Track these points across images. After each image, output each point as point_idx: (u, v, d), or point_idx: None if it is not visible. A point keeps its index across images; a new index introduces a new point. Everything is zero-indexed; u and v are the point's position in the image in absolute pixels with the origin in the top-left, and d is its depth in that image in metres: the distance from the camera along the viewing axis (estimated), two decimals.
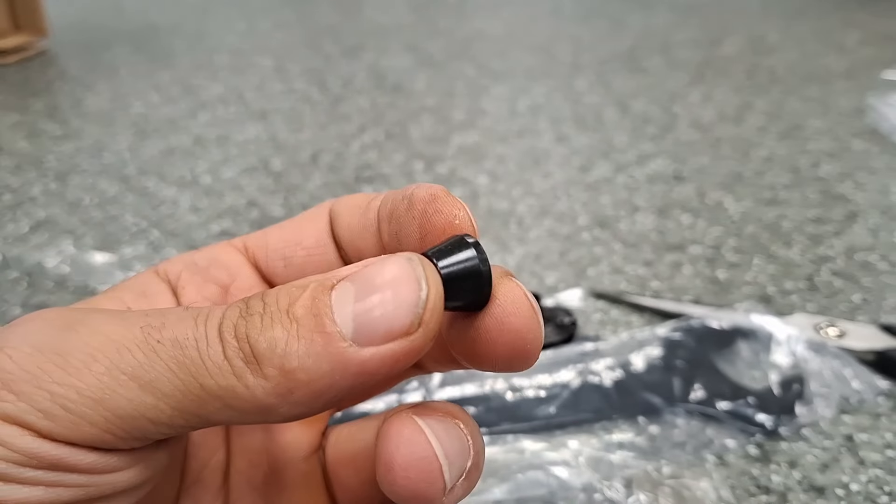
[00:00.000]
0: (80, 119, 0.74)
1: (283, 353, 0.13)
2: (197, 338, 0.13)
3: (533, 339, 0.14)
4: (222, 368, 0.13)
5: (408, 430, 0.15)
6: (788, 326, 0.38)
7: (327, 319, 0.13)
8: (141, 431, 0.13)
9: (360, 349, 0.13)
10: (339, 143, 0.68)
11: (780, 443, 0.33)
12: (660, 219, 0.53)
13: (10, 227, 0.53)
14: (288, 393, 0.13)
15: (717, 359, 0.37)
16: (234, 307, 0.14)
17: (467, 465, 0.15)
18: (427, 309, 0.13)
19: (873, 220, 0.53)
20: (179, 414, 0.13)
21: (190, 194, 0.58)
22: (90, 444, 0.13)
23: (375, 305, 0.13)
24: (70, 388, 0.13)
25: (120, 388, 0.13)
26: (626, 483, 0.31)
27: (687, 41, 1.00)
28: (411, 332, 0.13)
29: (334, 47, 1.00)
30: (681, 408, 0.34)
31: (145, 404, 0.13)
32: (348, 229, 0.18)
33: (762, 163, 0.63)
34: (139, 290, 0.18)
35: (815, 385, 0.35)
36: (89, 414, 0.13)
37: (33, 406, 0.13)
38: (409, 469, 0.14)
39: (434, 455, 0.14)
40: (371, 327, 0.13)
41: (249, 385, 0.13)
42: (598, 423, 0.34)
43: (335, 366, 0.13)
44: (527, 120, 0.73)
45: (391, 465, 0.14)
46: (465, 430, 0.15)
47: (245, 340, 0.13)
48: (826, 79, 0.84)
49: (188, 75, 0.88)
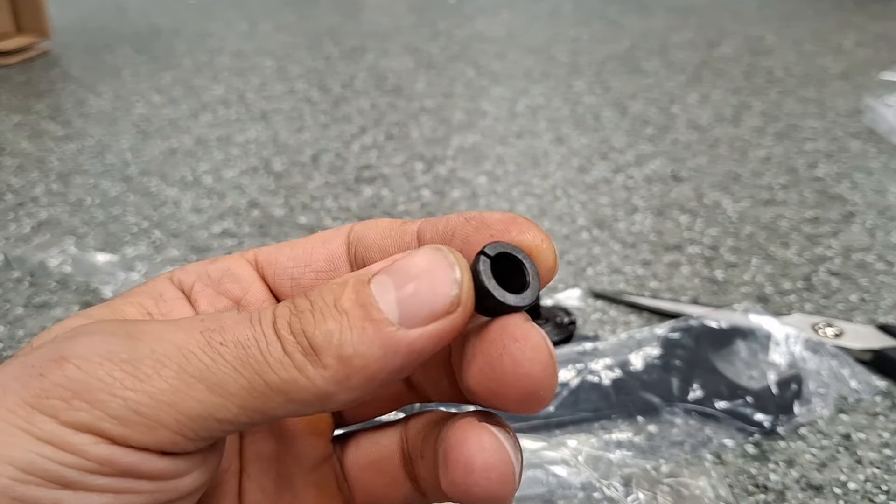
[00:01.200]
0: (83, 120, 0.74)
1: (339, 342, 0.14)
2: (256, 337, 0.14)
3: (548, 387, 0.15)
4: (283, 363, 0.14)
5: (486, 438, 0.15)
6: (786, 326, 0.39)
7: (373, 308, 0.14)
8: (208, 431, 0.14)
9: (408, 331, 0.14)
10: (339, 144, 0.68)
11: (778, 441, 0.33)
12: (658, 219, 0.54)
13: (12, 227, 0.53)
14: (346, 379, 0.14)
15: (716, 358, 0.38)
16: (283, 307, 0.15)
17: (521, 469, 0.16)
18: (463, 290, 0.15)
19: (870, 221, 0.53)
20: (244, 412, 0.14)
21: (191, 195, 0.58)
22: (162, 449, 0.14)
23: (416, 291, 0.14)
24: (143, 393, 0.13)
25: (190, 390, 0.14)
26: (624, 482, 0.31)
27: (685, 43, 1.00)
28: (451, 310, 0.14)
29: (335, 49, 1.00)
30: (679, 407, 0.35)
31: (214, 404, 0.14)
32: (380, 251, 0.19)
33: (760, 163, 0.63)
34: (156, 295, 0.19)
35: (813, 384, 0.35)
36: (163, 417, 0.13)
37: (107, 413, 0.13)
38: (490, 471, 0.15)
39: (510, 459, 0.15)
40: (415, 310, 0.14)
41: (310, 376, 0.14)
42: (597, 421, 0.34)
43: (387, 349, 0.14)
44: (526, 121, 0.73)
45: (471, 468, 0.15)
46: (513, 436, 0.17)
47: (302, 335, 0.14)
48: (823, 80, 0.84)
49: (190, 76, 0.88)
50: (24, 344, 0.41)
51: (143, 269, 0.46)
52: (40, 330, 0.42)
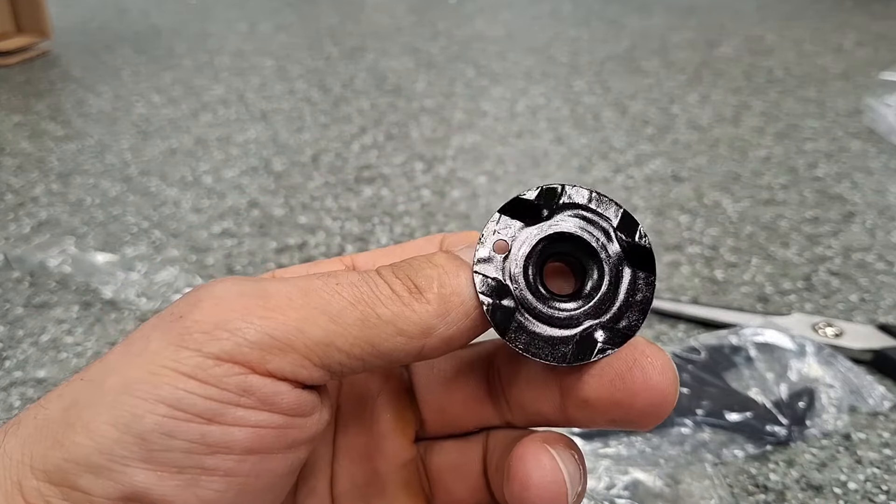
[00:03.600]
0: (83, 120, 0.74)
1: (440, 283, 0.17)
2: (367, 282, 0.17)
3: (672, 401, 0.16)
4: (392, 299, 0.16)
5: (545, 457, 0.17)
6: (797, 339, 0.38)
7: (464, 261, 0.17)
8: (330, 359, 0.16)
9: None
10: (339, 144, 0.68)
11: None
12: (658, 219, 0.54)
13: (12, 227, 0.53)
14: (446, 313, 0.16)
15: (727, 373, 0.37)
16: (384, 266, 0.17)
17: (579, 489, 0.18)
18: None
19: (870, 220, 0.53)
20: (358, 343, 0.16)
21: (191, 195, 0.58)
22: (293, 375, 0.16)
23: None
24: (275, 321, 0.15)
25: (315, 319, 0.16)
26: (625, 482, 0.31)
27: (684, 43, 1.00)
28: None
29: (335, 49, 1.00)
30: (690, 419, 0.34)
31: (335, 332, 0.16)
32: None
33: (760, 163, 0.63)
34: None
35: (826, 398, 0.35)
36: (293, 341, 0.15)
37: (246, 338, 0.15)
38: (543, 489, 0.17)
39: (564, 480, 0.17)
40: None
41: (416, 309, 0.16)
42: (606, 435, 0.34)
43: None
44: (526, 121, 0.73)
45: (527, 484, 0.17)
46: (578, 459, 0.18)
47: (406, 278, 0.17)
48: (823, 80, 0.84)
49: (190, 77, 0.88)
50: (25, 344, 0.41)
51: (143, 269, 0.46)
52: (40, 330, 0.42)
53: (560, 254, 0.18)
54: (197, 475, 0.15)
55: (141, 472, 0.14)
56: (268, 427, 0.15)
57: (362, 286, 0.16)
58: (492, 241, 0.17)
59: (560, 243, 0.17)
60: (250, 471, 0.15)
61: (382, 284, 0.17)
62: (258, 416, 0.15)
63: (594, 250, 0.17)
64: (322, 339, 0.16)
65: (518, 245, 0.17)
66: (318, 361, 0.16)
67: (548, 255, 0.17)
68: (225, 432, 0.15)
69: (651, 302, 0.17)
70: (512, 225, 0.17)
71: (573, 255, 0.18)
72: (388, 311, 0.16)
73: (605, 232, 0.17)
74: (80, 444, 0.14)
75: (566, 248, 0.17)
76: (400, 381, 0.21)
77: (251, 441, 0.15)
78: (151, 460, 0.14)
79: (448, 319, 0.16)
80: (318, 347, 0.16)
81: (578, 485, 0.17)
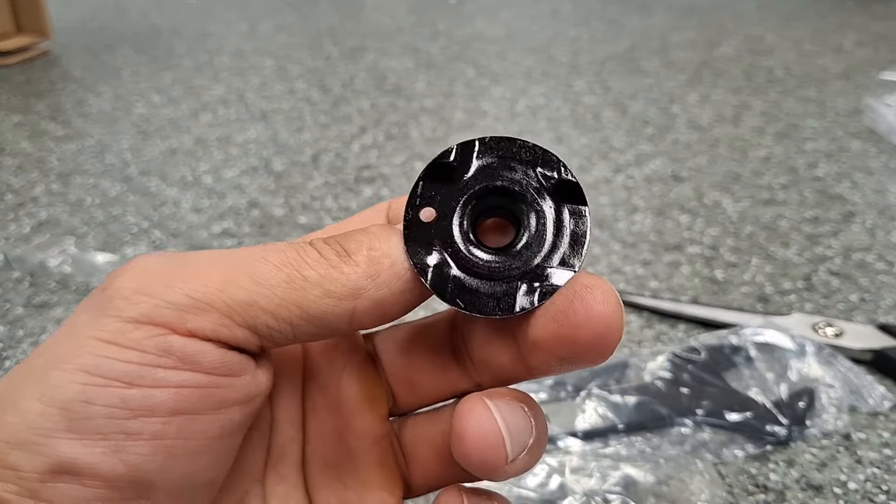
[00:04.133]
0: (83, 120, 0.74)
1: (369, 246, 0.17)
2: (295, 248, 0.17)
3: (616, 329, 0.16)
4: (319, 262, 0.16)
5: (479, 408, 0.17)
6: (798, 339, 0.38)
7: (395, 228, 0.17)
8: (255, 319, 0.16)
9: None
10: (339, 144, 0.68)
11: None
12: (658, 219, 0.54)
13: (12, 227, 0.53)
14: (376, 274, 0.16)
15: (727, 373, 0.37)
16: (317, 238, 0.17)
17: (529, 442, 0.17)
18: None
19: (870, 220, 0.53)
20: (284, 304, 0.16)
21: (191, 195, 0.58)
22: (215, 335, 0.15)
23: None
24: (196, 282, 0.15)
25: (238, 280, 0.16)
26: (625, 482, 0.31)
27: (685, 42, 1.00)
28: None
29: (335, 49, 1.00)
30: (690, 419, 0.34)
31: (258, 293, 0.16)
32: None
33: (760, 163, 0.63)
34: None
35: (826, 398, 0.35)
36: (214, 301, 0.15)
37: (166, 300, 0.15)
38: (477, 440, 0.17)
39: (498, 429, 0.17)
40: None
41: (345, 271, 0.16)
42: (606, 436, 0.34)
43: None
44: (526, 121, 0.73)
45: (463, 436, 0.17)
46: (528, 412, 0.18)
47: (336, 243, 0.17)
48: (823, 80, 0.84)
49: (190, 76, 0.88)
50: (25, 344, 0.41)
51: None
52: (40, 330, 0.42)
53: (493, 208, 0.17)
54: (122, 440, 0.15)
55: (65, 442, 0.14)
56: (191, 387, 0.15)
57: (290, 251, 0.16)
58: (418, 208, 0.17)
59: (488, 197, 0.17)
60: (178, 433, 0.15)
61: (311, 250, 0.16)
62: (180, 375, 0.15)
63: (522, 196, 0.17)
64: (244, 298, 0.16)
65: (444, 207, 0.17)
66: (240, 321, 0.16)
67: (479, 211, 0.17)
68: (146, 394, 0.15)
69: (587, 234, 0.17)
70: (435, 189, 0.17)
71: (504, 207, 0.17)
72: (314, 273, 0.16)
73: (529, 176, 0.17)
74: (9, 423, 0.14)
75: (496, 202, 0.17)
76: (364, 356, 0.21)
77: (174, 402, 0.15)
78: (74, 430, 0.14)
79: (378, 281, 0.16)
80: (240, 307, 0.16)
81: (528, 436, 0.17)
